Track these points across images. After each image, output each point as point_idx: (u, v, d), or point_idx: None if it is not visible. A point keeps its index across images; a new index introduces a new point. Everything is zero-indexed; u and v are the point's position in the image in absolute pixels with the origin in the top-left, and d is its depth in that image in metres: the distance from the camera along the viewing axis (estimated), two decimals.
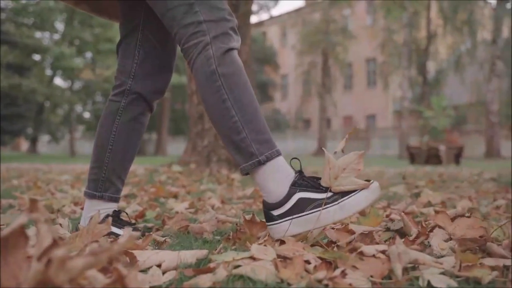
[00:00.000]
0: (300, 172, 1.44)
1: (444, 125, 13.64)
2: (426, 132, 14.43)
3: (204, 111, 6.17)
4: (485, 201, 3.00)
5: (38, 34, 25.59)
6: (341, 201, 1.37)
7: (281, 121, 38.53)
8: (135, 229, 1.67)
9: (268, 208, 1.44)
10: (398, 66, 24.34)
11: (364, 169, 7.89)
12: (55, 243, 0.77)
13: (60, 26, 27.50)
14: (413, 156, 13.30)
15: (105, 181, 1.71)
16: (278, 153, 1.45)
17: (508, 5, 20.84)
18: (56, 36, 27.35)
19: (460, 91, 26.97)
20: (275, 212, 1.41)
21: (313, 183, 1.41)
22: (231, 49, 1.48)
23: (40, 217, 0.77)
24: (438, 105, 13.73)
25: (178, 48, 1.72)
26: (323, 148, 1.45)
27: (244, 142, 1.43)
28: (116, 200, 1.74)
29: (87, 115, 36.65)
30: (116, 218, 1.71)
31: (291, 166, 1.47)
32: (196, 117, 6.18)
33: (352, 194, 1.37)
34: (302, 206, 1.39)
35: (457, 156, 12.96)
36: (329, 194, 1.38)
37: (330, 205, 1.37)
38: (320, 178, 1.43)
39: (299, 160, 1.47)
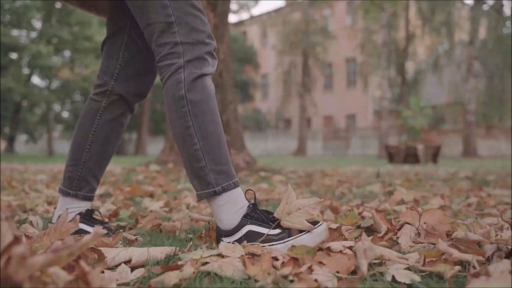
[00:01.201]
0: (254, 205, 1.47)
1: (422, 125, 13.78)
2: (405, 131, 14.57)
3: None
4: (458, 199, 3.05)
5: (14, 32, 25.17)
6: (287, 241, 1.38)
7: (261, 121, 38.58)
8: (105, 228, 1.67)
9: (219, 234, 1.48)
10: (377, 66, 24.53)
11: (343, 168, 7.94)
12: (16, 241, 0.77)
13: (37, 24, 27.11)
14: (391, 155, 13.42)
15: (80, 179, 1.71)
16: (235, 185, 1.48)
17: (485, 7, 21.18)
18: (33, 34, 26.94)
19: (438, 91, 27.33)
20: (226, 240, 1.45)
21: (264, 218, 1.44)
22: (204, 75, 1.49)
23: (1, 215, 0.76)
24: (416, 105, 13.86)
25: None
26: (289, 185, 1.48)
27: (203, 170, 1.46)
28: (90, 199, 1.74)
29: (65, 114, 36.21)
30: (89, 217, 1.71)
31: (247, 198, 1.50)
32: None
33: (299, 234, 1.39)
34: (250, 239, 1.42)
35: (435, 155, 13.12)
36: (278, 231, 1.41)
37: (276, 242, 1.39)
38: (272, 213, 1.46)
39: (254, 192, 1.52)
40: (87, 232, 1.63)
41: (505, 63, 19.99)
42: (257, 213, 1.45)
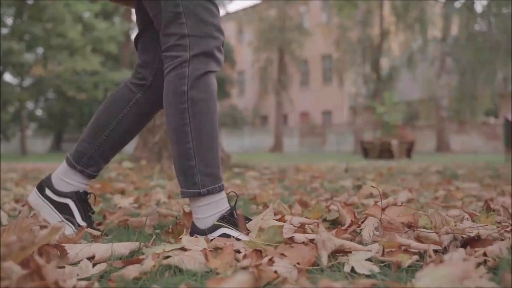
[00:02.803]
0: (232, 209, 1.48)
1: (396, 120, 13.96)
2: (379, 127, 14.73)
3: None
4: (426, 193, 3.11)
5: None
6: None
7: (238, 118, 38.53)
8: (89, 218, 1.67)
9: (194, 231, 1.47)
10: (352, 63, 24.73)
11: (318, 164, 7.99)
12: None
13: (8, 20, 26.55)
14: (366, 151, 13.56)
15: (91, 158, 1.67)
16: (221, 189, 1.48)
17: (457, 4, 21.51)
18: (5, 31, 26.37)
19: (412, 88, 27.66)
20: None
21: (240, 223, 1.45)
22: (209, 72, 1.45)
23: None
24: (390, 100, 14.03)
25: None
26: (271, 205, 1.51)
27: (192, 170, 1.45)
28: (93, 177, 1.71)
29: (39, 112, 35.59)
30: (82, 200, 1.68)
31: (228, 201, 1.50)
32: None
33: None
34: None
35: (409, 151, 13.30)
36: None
37: None
38: (250, 220, 1.47)
39: (236, 194, 1.53)
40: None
41: (477, 59, 20.34)
42: (233, 217, 1.45)
